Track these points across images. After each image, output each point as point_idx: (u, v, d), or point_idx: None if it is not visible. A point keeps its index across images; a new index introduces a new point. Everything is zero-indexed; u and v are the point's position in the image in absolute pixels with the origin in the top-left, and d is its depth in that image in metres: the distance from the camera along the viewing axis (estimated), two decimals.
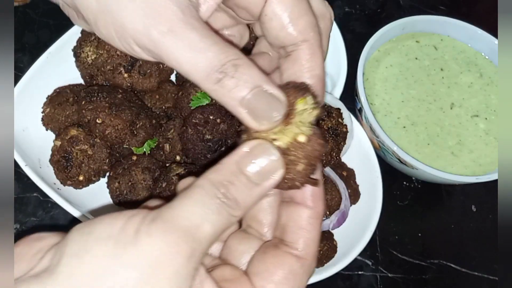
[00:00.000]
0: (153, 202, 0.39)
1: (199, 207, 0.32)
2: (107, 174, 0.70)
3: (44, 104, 0.72)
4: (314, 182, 0.37)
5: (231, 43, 0.40)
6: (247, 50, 0.48)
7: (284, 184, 0.36)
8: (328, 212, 0.68)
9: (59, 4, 0.44)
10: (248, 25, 0.49)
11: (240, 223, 0.41)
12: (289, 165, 0.35)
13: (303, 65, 0.41)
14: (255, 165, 0.34)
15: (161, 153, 0.71)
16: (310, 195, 0.38)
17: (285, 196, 0.40)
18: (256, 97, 0.36)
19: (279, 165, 0.34)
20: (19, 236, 0.69)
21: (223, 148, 0.67)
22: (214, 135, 0.66)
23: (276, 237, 0.39)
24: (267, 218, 0.40)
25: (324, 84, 0.42)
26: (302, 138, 0.35)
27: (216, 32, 0.42)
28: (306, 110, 0.38)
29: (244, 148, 0.35)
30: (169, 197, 0.42)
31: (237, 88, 0.36)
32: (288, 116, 0.37)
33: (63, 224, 0.74)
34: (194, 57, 0.36)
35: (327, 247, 0.67)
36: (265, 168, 0.34)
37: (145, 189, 0.67)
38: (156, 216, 0.31)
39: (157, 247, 0.30)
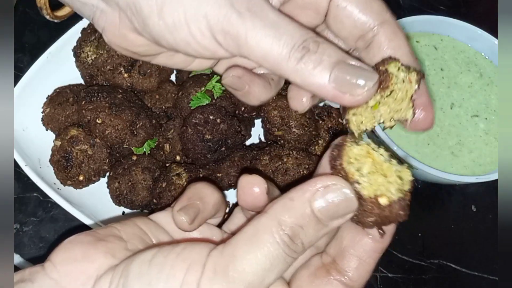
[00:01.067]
0: (215, 234, 0.38)
1: (265, 259, 0.30)
2: (107, 174, 0.70)
3: (44, 104, 0.72)
4: (380, 233, 0.35)
5: None
6: None
7: (367, 224, 0.34)
8: None
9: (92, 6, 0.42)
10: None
11: None
12: (360, 212, 0.33)
13: (389, 46, 0.39)
14: (327, 206, 0.32)
15: (161, 153, 0.71)
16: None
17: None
18: (342, 70, 0.34)
19: (352, 209, 0.33)
20: (19, 236, 0.70)
21: (223, 148, 0.67)
22: (214, 135, 0.66)
23: (330, 255, 0.38)
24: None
25: (415, 59, 0.40)
26: (383, 201, 0.33)
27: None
28: (400, 73, 0.36)
29: (318, 184, 0.32)
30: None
31: (322, 65, 0.34)
32: (384, 84, 0.35)
33: (63, 224, 0.74)
34: (276, 35, 0.34)
35: None
36: (337, 209, 0.32)
37: (145, 189, 0.67)
38: (218, 268, 0.30)
39: None
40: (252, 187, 0.35)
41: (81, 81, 0.75)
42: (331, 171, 0.35)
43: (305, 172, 0.62)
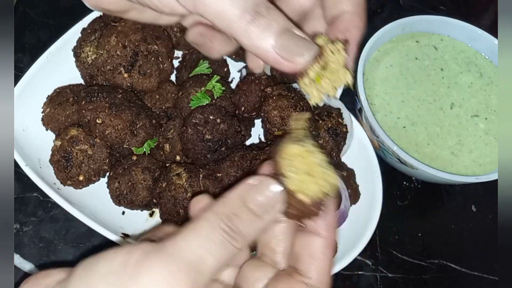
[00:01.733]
0: (156, 234, 0.39)
1: (203, 239, 0.32)
2: (107, 174, 0.70)
3: (44, 104, 0.72)
4: (301, 226, 0.39)
5: None
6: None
7: (291, 216, 0.38)
8: None
9: None
10: None
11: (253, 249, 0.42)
12: (287, 205, 0.37)
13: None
14: (257, 198, 0.35)
15: (161, 153, 0.71)
16: (323, 224, 0.38)
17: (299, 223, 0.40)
18: (287, 38, 0.37)
19: (278, 201, 0.36)
20: (19, 236, 0.70)
21: (223, 148, 0.67)
22: (214, 135, 0.66)
23: (290, 265, 0.39)
24: (281, 246, 0.40)
25: (363, 12, 0.44)
26: (303, 198, 0.37)
27: None
28: (328, 45, 0.40)
29: (249, 180, 0.36)
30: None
31: (269, 30, 0.36)
32: (319, 57, 0.39)
33: (63, 224, 0.74)
34: None
35: None
36: (266, 201, 0.35)
37: (145, 189, 0.67)
38: (158, 248, 0.31)
39: (158, 282, 0.30)
40: (200, 204, 0.38)
41: (81, 81, 0.75)
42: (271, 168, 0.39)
43: None
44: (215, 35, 0.47)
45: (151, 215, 0.72)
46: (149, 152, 0.71)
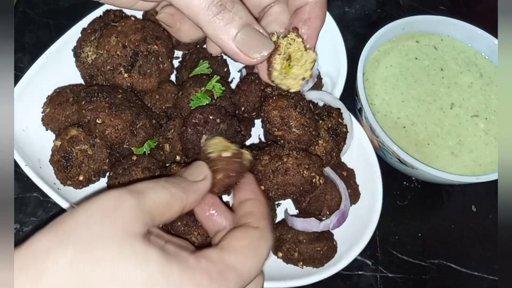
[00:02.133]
0: None
1: (148, 182, 0.40)
2: (107, 174, 0.70)
3: (44, 104, 0.72)
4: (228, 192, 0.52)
5: None
6: None
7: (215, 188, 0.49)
8: (328, 212, 0.68)
9: None
10: None
11: None
12: (213, 173, 0.48)
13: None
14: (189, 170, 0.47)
15: (161, 153, 0.71)
16: (248, 190, 0.49)
17: (235, 202, 0.50)
18: (248, 33, 0.41)
19: (206, 172, 0.47)
20: (19, 236, 0.69)
21: None
22: (214, 135, 0.66)
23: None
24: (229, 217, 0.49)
25: (325, 4, 0.50)
26: (226, 154, 0.49)
27: None
28: (291, 41, 0.47)
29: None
30: None
31: (232, 24, 0.40)
32: (277, 52, 0.46)
33: None
34: None
35: (327, 247, 0.66)
36: (195, 172, 0.46)
37: None
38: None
39: (108, 198, 0.36)
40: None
41: (81, 81, 0.75)
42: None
43: (305, 172, 0.62)
44: (184, 18, 0.50)
45: None
46: (149, 152, 0.71)
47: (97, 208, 0.36)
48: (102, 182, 0.70)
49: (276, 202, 0.73)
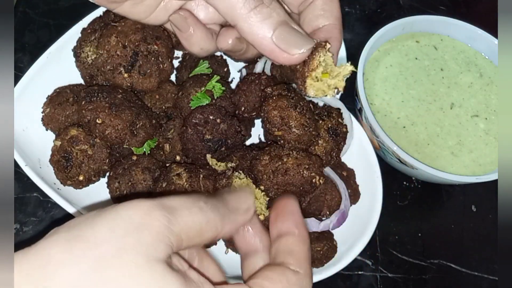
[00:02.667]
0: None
1: (182, 198, 0.35)
2: (107, 174, 0.70)
3: (44, 104, 0.72)
4: None
5: None
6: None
7: None
8: (328, 212, 0.68)
9: None
10: None
11: None
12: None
13: (322, 8, 0.45)
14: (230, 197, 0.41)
15: (161, 153, 0.71)
16: (291, 224, 0.43)
17: (272, 235, 0.44)
18: (286, 30, 0.39)
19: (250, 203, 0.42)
20: (19, 236, 0.69)
21: (223, 148, 0.67)
22: (214, 135, 0.66)
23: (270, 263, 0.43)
24: (261, 243, 0.44)
25: (341, 25, 0.48)
26: (261, 218, 0.50)
27: None
28: (325, 57, 0.44)
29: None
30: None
31: (270, 19, 0.38)
32: (316, 51, 0.43)
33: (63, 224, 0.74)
34: None
35: (327, 247, 0.66)
36: (239, 203, 0.41)
37: (145, 189, 0.67)
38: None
39: (136, 211, 0.33)
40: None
41: (81, 81, 0.75)
42: None
43: (305, 172, 0.62)
44: (198, 24, 0.49)
45: None
46: (149, 152, 0.71)
47: (122, 221, 0.32)
48: (102, 182, 0.70)
49: None
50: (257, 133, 0.76)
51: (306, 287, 0.40)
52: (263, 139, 0.75)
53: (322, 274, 0.66)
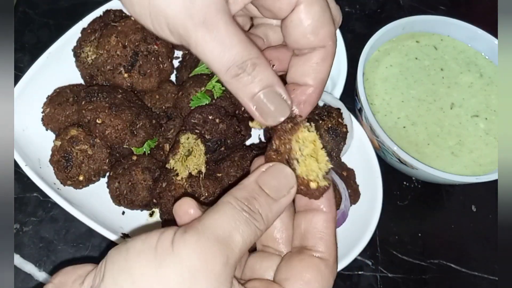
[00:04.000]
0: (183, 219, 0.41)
1: (229, 219, 0.34)
2: (107, 174, 0.70)
3: (44, 104, 0.72)
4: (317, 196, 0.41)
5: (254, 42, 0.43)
6: None
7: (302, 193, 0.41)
8: None
9: None
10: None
11: (253, 249, 0.43)
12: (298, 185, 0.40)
13: (312, 67, 0.44)
14: (270, 181, 0.38)
15: (161, 153, 0.71)
16: (325, 201, 0.41)
17: (300, 205, 0.43)
18: (266, 96, 0.40)
19: (292, 184, 0.39)
20: (19, 236, 0.69)
21: (222, 148, 0.67)
22: (213, 135, 0.66)
23: (296, 246, 0.42)
24: (282, 235, 0.43)
25: (323, 89, 0.47)
26: (312, 185, 0.40)
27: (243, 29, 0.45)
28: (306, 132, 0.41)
29: (262, 168, 0.39)
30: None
31: (251, 85, 0.39)
32: (291, 122, 0.41)
33: (63, 224, 0.74)
34: (220, 51, 0.39)
35: None
36: (279, 184, 0.38)
37: (145, 189, 0.67)
38: (188, 228, 0.33)
39: (195, 255, 0.32)
40: (187, 210, 0.39)
41: (81, 81, 0.75)
42: (274, 147, 0.41)
43: None
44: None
45: (151, 215, 0.72)
46: (149, 152, 0.71)
47: (183, 268, 0.31)
48: (102, 182, 0.70)
49: None
50: (257, 133, 0.76)
51: (334, 275, 0.40)
52: (263, 139, 0.75)
53: None
